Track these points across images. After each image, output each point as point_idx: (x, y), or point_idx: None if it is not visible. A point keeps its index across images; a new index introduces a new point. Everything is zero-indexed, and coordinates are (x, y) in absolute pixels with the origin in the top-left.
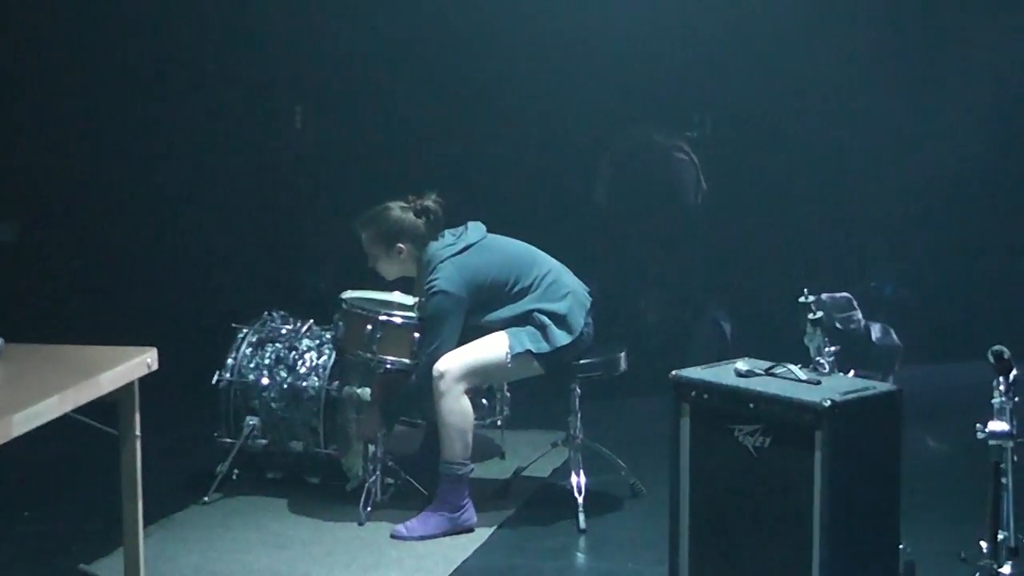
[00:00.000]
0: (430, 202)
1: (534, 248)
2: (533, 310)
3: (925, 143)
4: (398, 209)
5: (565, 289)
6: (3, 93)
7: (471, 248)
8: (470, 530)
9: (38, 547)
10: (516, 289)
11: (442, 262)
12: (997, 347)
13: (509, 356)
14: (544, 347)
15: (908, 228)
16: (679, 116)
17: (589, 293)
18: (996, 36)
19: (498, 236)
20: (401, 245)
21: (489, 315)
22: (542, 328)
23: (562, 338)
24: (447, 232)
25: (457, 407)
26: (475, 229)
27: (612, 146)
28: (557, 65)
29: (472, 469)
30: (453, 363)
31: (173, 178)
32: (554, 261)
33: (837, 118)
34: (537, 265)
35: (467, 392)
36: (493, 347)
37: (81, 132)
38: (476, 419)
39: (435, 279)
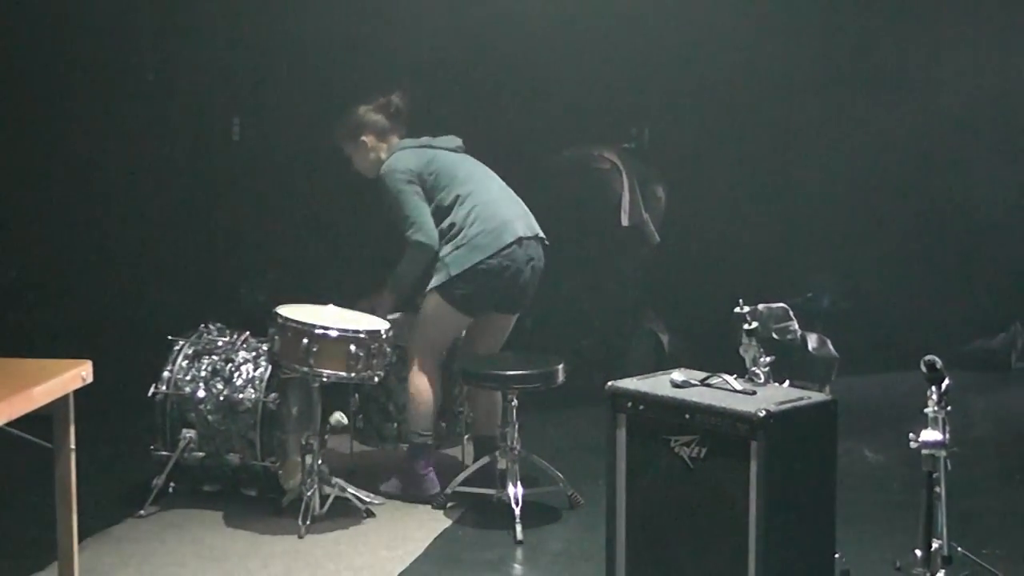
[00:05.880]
0: (394, 97)
1: (489, 177)
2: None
3: (862, 154)
4: (362, 107)
5: (473, 222)
6: None
7: (430, 149)
8: (432, 495)
9: None
10: (448, 198)
11: (400, 150)
12: (929, 357)
13: (428, 306)
14: (443, 277)
15: (844, 239)
16: (614, 128)
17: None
18: (936, 42)
19: (469, 159)
20: (364, 138)
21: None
22: (444, 266)
23: (455, 266)
24: (429, 137)
25: (415, 381)
26: (445, 139)
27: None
28: (494, 76)
29: (429, 439)
30: (409, 343)
31: (108, 189)
32: (495, 191)
33: (773, 129)
34: (472, 191)
35: (426, 366)
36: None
37: (16, 146)
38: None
39: (387, 162)
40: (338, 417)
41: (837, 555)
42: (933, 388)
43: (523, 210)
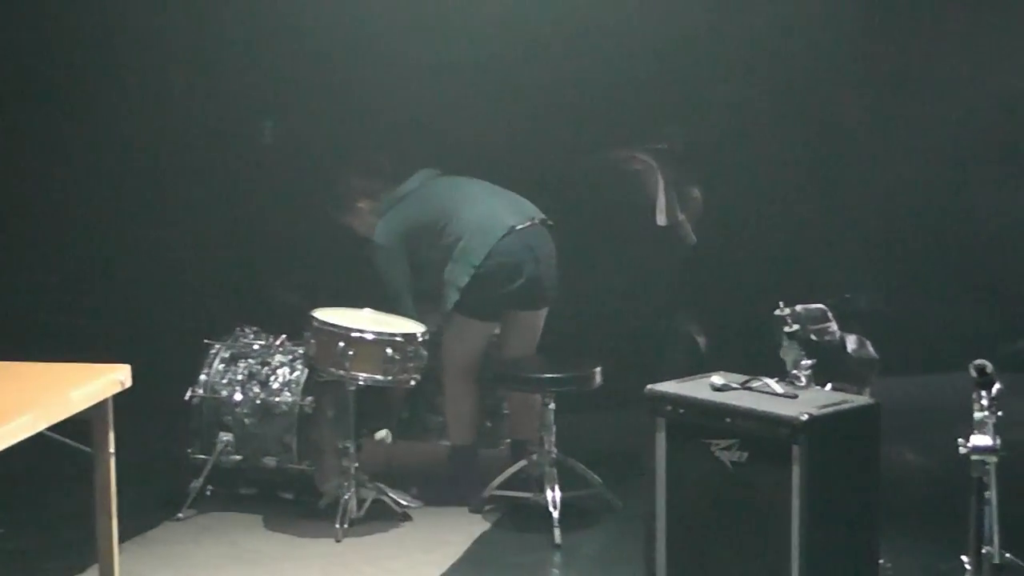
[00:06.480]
0: (377, 157)
1: (465, 185)
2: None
3: (902, 151)
4: (350, 176)
5: (462, 234)
6: None
7: (404, 198)
8: (476, 504)
9: (13, 564)
10: (435, 229)
11: (381, 217)
12: (979, 361)
13: (450, 327)
14: (454, 296)
15: (884, 237)
16: (649, 128)
17: (522, 216)
18: (974, 42)
19: (441, 180)
20: (359, 204)
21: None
22: (450, 284)
23: (459, 280)
24: (401, 185)
25: (453, 394)
26: (416, 178)
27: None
28: (529, 81)
29: (466, 449)
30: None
31: (144, 194)
32: (474, 196)
33: (811, 127)
34: (454, 209)
35: (463, 379)
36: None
37: (53, 150)
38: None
39: (375, 233)
40: (384, 435)
41: (881, 561)
42: (983, 392)
43: (511, 200)
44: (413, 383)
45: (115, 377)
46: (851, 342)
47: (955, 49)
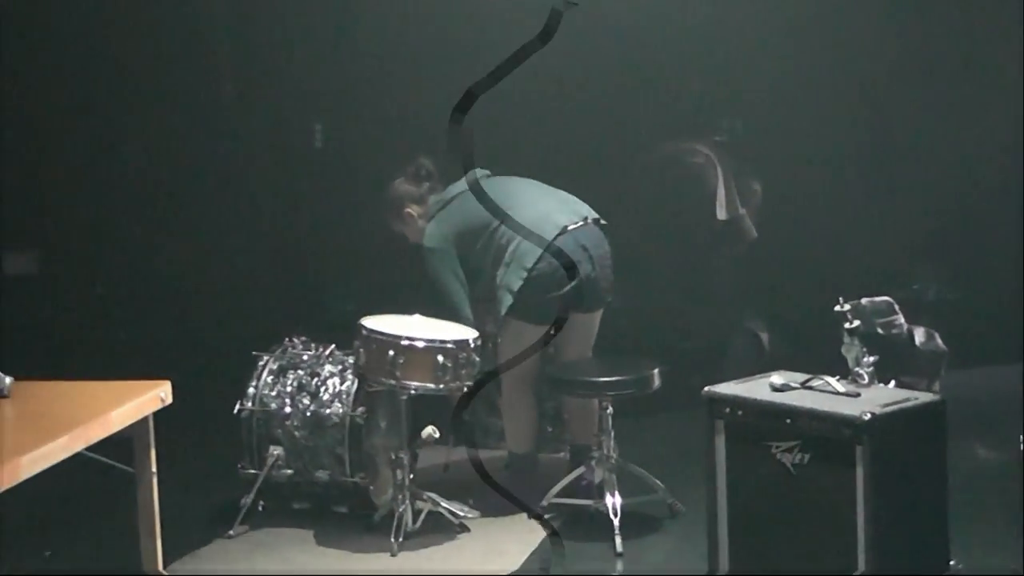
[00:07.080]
0: (422, 161)
1: (515, 185)
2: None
3: (968, 139)
4: (396, 182)
5: (514, 235)
6: (21, 125)
7: (453, 200)
8: (536, 513)
9: None
10: (486, 232)
11: (430, 220)
12: None
13: (505, 332)
14: (508, 300)
15: (952, 227)
16: (708, 121)
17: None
18: None
19: (492, 180)
20: (407, 210)
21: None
22: (503, 289)
23: (513, 284)
24: (449, 187)
25: (511, 401)
26: (468, 177)
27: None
28: (582, 75)
29: (524, 457)
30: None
31: (189, 204)
32: (524, 196)
33: (875, 116)
34: (505, 210)
35: (520, 386)
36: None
37: (97, 162)
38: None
39: (424, 237)
40: (430, 431)
41: (952, 561)
42: None
43: (563, 200)
44: (466, 391)
45: (155, 394)
46: (919, 335)
47: (1012, 38)
